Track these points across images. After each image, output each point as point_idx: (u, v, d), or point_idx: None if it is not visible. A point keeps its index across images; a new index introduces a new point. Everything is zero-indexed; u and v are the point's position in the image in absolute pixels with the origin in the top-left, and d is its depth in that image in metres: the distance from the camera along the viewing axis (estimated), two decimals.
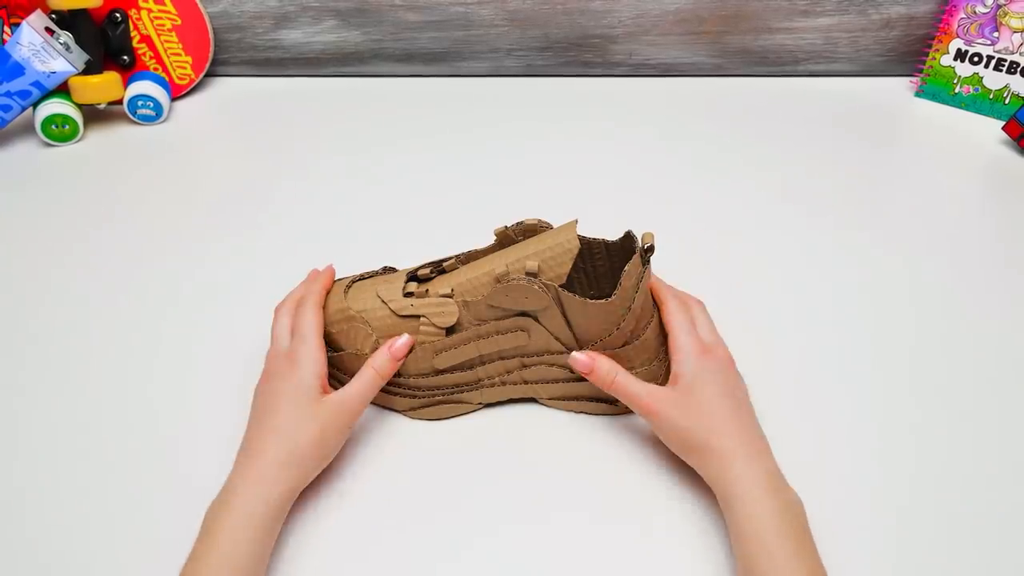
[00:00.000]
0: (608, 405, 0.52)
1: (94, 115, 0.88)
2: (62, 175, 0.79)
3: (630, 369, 0.51)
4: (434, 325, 0.50)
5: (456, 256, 0.53)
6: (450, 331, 0.50)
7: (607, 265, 0.53)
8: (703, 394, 0.46)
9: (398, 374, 0.51)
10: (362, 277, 0.55)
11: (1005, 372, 0.56)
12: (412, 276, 0.53)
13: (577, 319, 0.49)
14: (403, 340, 0.49)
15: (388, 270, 0.56)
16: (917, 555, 0.44)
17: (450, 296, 0.50)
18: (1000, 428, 0.52)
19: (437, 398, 0.52)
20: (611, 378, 0.48)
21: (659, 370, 0.51)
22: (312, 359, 0.48)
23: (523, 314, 0.49)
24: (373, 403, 0.53)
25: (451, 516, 0.46)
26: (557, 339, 0.50)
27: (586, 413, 0.52)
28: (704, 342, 0.49)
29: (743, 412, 0.46)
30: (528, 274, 0.48)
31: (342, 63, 0.99)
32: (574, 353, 0.48)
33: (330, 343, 0.53)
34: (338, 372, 0.53)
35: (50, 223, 0.72)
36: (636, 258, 0.48)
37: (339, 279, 0.56)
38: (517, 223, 0.52)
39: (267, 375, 0.49)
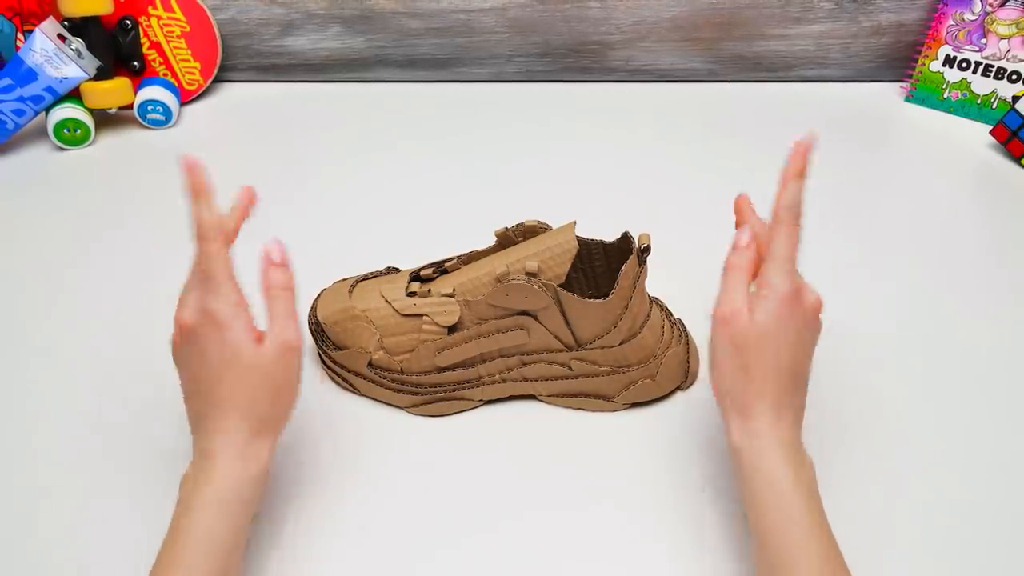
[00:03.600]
0: (606, 402, 0.52)
1: (105, 119, 0.88)
2: (74, 178, 0.79)
3: (626, 367, 0.50)
4: (436, 324, 0.49)
5: (458, 257, 0.53)
6: (452, 330, 0.50)
7: (605, 265, 0.53)
8: (764, 344, 0.40)
9: (401, 371, 0.51)
10: (366, 277, 0.55)
11: (995, 374, 0.56)
12: (415, 276, 0.53)
13: (576, 318, 0.49)
14: (273, 242, 0.42)
15: (391, 270, 0.56)
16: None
17: (452, 295, 0.49)
18: (989, 428, 0.52)
19: (439, 395, 0.51)
20: (740, 261, 0.42)
21: (655, 368, 0.51)
22: (234, 308, 0.40)
23: (523, 313, 0.48)
24: (376, 399, 0.53)
25: (451, 511, 0.46)
26: (556, 337, 0.49)
27: (585, 410, 0.52)
28: (799, 287, 0.41)
29: (795, 376, 0.41)
30: (528, 274, 0.48)
31: (346, 69, 0.99)
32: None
33: (334, 341, 0.53)
34: (343, 370, 0.53)
35: (62, 225, 0.72)
36: (633, 258, 0.48)
37: (344, 279, 0.56)
38: (517, 224, 0.52)
39: (187, 336, 0.41)
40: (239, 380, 0.40)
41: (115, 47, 0.86)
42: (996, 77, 0.87)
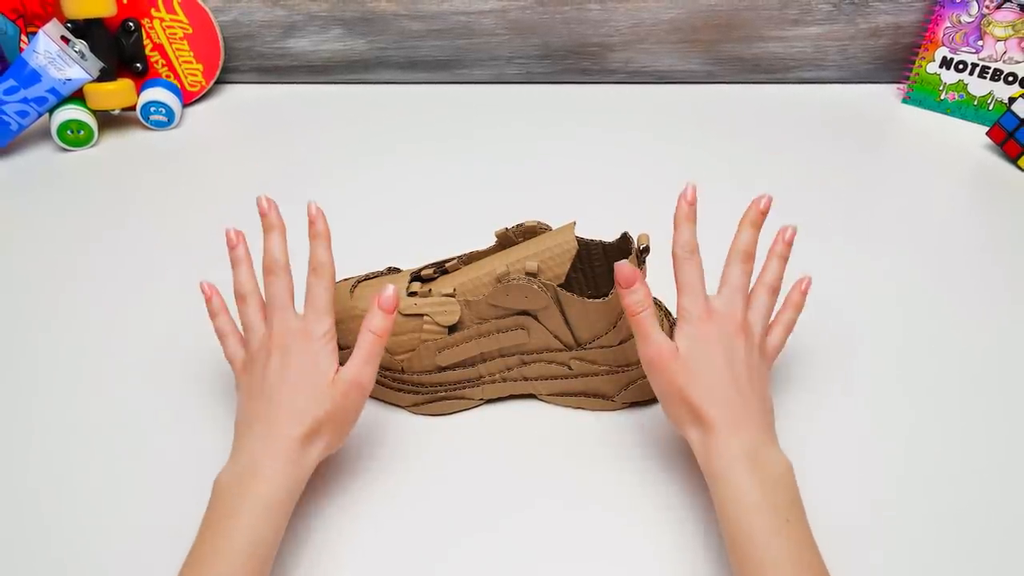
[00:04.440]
0: (605, 401, 0.52)
1: (108, 121, 0.88)
2: (77, 179, 0.79)
3: (626, 366, 0.51)
4: (437, 323, 0.49)
5: (458, 257, 0.53)
6: (452, 329, 0.50)
7: (604, 265, 0.53)
8: (699, 362, 0.43)
9: (401, 370, 0.51)
10: (367, 277, 0.55)
11: (992, 373, 0.56)
12: (415, 276, 0.53)
13: (575, 318, 0.49)
14: (389, 291, 0.44)
15: (392, 270, 0.56)
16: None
17: (452, 295, 0.49)
18: (986, 426, 0.52)
19: (440, 394, 0.52)
20: (640, 309, 0.44)
21: None
22: (329, 337, 0.45)
23: (523, 313, 0.49)
24: (377, 399, 0.53)
25: (451, 511, 0.46)
26: (556, 337, 0.50)
27: (584, 409, 0.52)
28: (711, 306, 0.45)
29: (741, 382, 0.43)
30: (528, 274, 0.48)
31: (348, 70, 0.99)
32: (623, 263, 0.44)
33: (338, 339, 0.53)
34: None
35: (65, 225, 0.72)
36: (632, 258, 0.48)
37: (345, 279, 0.56)
38: (517, 225, 0.52)
39: (278, 348, 0.44)
40: (311, 394, 0.42)
41: (118, 49, 0.86)
42: (992, 79, 0.87)
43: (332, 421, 0.43)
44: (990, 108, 0.88)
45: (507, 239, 0.52)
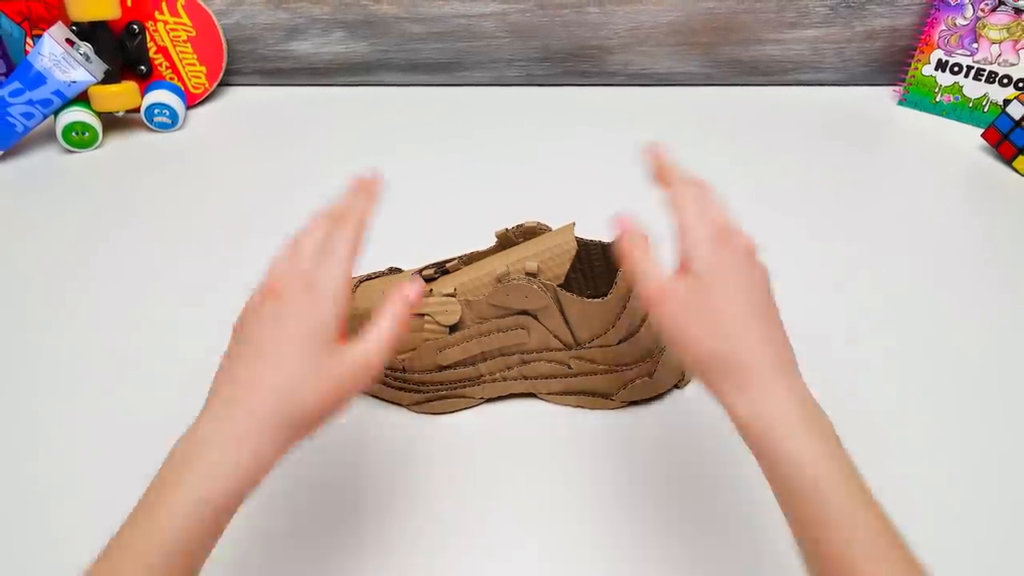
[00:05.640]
0: (605, 400, 0.52)
1: (112, 123, 0.88)
2: (82, 180, 0.79)
3: (624, 366, 0.51)
4: (438, 323, 0.50)
5: (459, 257, 0.53)
6: (453, 329, 0.50)
7: (603, 265, 0.53)
8: (720, 297, 0.34)
9: (403, 369, 0.51)
10: (369, 277, 0.55)
11: (989, 374, 0.56)
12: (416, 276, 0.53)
13: (575, 318, 0.49)
14: (415, 287, 0.37)
15: (394, 271, 0.56)
16: None
17: (453, 295, 0.49)
18: (982, 427, 0.52)
19: (440, 393, 0.52)
20: (630, 247, 0.37)
21: (652, 367, 0.51)
22: (338, 290, 0.34)
23: (523, 312, 0.49)
24: (377, 397, 0.53)
25: (451, 509, 0.46)
26: (555, 337, 0.50)
27: (584, 408, 0.52)
28: (720, 225, 0.35)
29: (770, 320, 0.35)
30: (528, 274, 0.48)
31: (349, 73, 0.99)
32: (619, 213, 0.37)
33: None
34: None
35: (69, 226, 0.72)
36: None
37: None
38: (517, 225, 0.52)
39: (271, 294, 0.35)
40: (299, 361, 0.33)
41: (122, 51, 0.86)
42: (987, 81, 0.87)
43: (323, 407, 0.33)
44: (985, 110, 0.88)
45: (507, 239, 0.52)
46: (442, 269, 0.53)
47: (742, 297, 0.34)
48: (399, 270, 0.56)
